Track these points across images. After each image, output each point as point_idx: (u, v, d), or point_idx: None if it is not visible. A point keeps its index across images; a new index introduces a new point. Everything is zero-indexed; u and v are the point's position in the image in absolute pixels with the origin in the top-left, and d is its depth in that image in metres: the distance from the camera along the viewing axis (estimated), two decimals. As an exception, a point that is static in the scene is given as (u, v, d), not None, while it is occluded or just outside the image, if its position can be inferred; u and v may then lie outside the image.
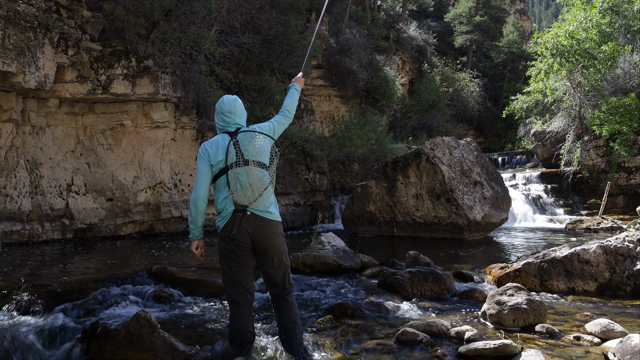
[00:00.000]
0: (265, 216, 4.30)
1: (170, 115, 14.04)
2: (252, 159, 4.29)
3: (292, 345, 4.40)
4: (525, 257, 7.78)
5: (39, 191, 12.34)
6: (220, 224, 4.32)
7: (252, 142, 4.33)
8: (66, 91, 12.05)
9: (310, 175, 16.93)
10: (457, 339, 4.91)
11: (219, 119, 4.51)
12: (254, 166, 4.28)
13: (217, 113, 4.54)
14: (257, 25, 17.66)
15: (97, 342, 4.55)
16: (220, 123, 4.51)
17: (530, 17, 61.04)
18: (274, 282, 4.43)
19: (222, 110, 4.48)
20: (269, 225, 4.30)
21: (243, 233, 4.23)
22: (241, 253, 4.30)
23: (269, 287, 4.50)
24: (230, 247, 4.28)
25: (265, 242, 4.29)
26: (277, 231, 4.36)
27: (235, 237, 4.23)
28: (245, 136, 4.36)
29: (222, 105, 4.49)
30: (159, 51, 13.25)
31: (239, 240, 4.24)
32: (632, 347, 4.16)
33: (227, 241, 4.27)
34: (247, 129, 4.43)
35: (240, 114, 4.55)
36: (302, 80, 5.15)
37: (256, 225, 4.25)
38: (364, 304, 6.07)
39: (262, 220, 4.28)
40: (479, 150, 13.87)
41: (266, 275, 4.44)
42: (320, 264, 8.48)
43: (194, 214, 4.37)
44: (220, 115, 4.51)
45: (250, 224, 4.24)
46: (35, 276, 7.75)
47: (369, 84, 25.73)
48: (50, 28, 10.94)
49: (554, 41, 19.12)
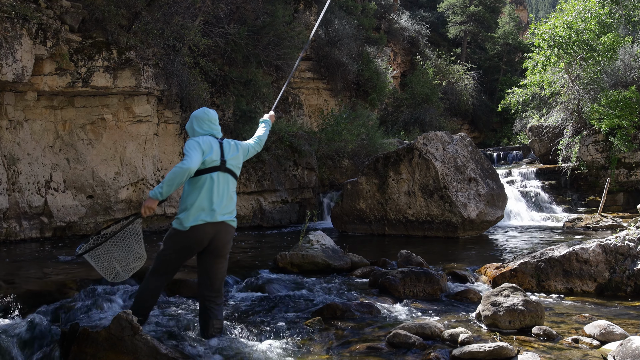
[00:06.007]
0: (230, 223, 4.77)
1: (153, 109, 13.91)
2: (231, 168, 4.81)
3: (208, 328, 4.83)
4: (522, 256, 7.70)
5: (16, 188, 12.12)
6: (185, 220, 4.62)
7: (237, 154, 4.88)
8: (45, 84, 11.88)
9: (298, 171, 16.83)
10: (451, 341, 4.83)
11: (205, 125, 4.85)
12: (230, 175, 4.80)
13: (200, 120, 4.86)
14: (243, 16, 17.66)
15: (77, 345, 4.41)
16: (206, 129, 4.84)
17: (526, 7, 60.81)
18: (212, 285, 4.80)
19: (210, 118, 4.87)
20: (230, 232, 4.77)
21: (207, 234, 4.62)
22: (194, 251, 4.72)
23: (204, 289, 4.84)
24: (189, 243, 4.66)
25: (222, 246, 4.74)
26: (231, 239, 4.86)
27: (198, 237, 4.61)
28: (229, 146, 4.86)
29: (208, 114, 4.89)
30: (141, 42, 13.11)
31: (199, 240, 4.63)
32: (633, 349, 4.09)
33: (187, 239, 4.64)
34: (231, 141, 4.93)
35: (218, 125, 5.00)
36: (274, 117, 5.79)
37: (219, 229, 4.67)
38: (354, 305, 5.96)
39: (226, 226, 4.73)
40: (473, 146, 13.85)
41: (207, 276, 4.81)
42: (308, 264, 8.44)
43: (177, 180, 4.49)
44: (207, 122, 4.85)
45: (214, 228, 4.64)
46: (13, 276, 7.64)
47: (360, 77, 25.59)
48: (28, 18, 10.85)
49: (552, 32, 19.12)
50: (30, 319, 5.30)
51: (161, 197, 4.58)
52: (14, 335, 4.83)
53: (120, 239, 4.91)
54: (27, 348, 4.74)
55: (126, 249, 4.94)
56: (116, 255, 4.92)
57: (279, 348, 4.67)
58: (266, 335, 5.06)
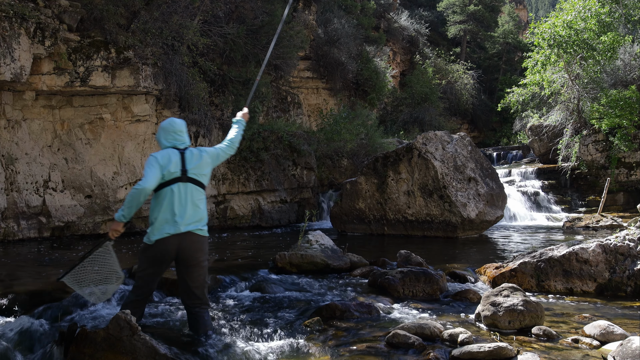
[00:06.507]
0: (197, 232, 4.81)
1: (152, 109, 13.79)
2: (194, 177, 4.84)
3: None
4: (522, 256, 7.70)
5: (14, 188, 12.04)
6: (151, 234, 4.75)
7: (200, 162, 4.89)
8: (43, 83, 11.77)
9: (297, 171, 16.74)
10: (450, 341, 4.83)
11: (170, 136, 4.91)
12: (194, 184, 4.83)
13: (165, 131, 4.94)
14: (241, 15, 17.54)
15: (75, 345, 4.40)
16: (170, 141, 4.91)
17: (526, 6, 60.80)
18: (192, 293, 4.87)
19: (175, 130, 4.93)
20: (196, 241, 4.81)
21: (172, 245, 4.70)
22: (165, 263, 4.83)
23: (184, 297, 4.96)
24: (158, 256, 4.77)
25: (190, 256, 4.77)
26: (203, 247, 4.87)
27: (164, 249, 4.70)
28: (192, 155, 4.89)
29: (173, 125, 4.95)
30: (140, 42, 13.00)
31: (166, 252, 4.71)
32: (633, 350, 4.10)
33: (154, 252, 4.75)
34: (195, 150, 4.95)
35: (187, 134, 5.04)
36: (248, 115, 5.77)
37: (183, 239, 4.73)
38: (353, 305, 5.95)
39: (192, 235, 4.78)
40: (473, 145, 13.80)
41: (185, 285, 4.89)
42: (307, 264, 8.41)
43: (135, 202, 4.65)
44: (171, 134, 4.91)
45: (178, 239, 4.71)
46: (11, 276, 7.64)
47: (359, 76, 25.52)
48: (27, 18, 10.74)
49: (552, 31, 19.03)
50: (28, 319, 5.34)
51: (124, 219, 4.75)
52: (11, 336, 4.89)
53: (93, 262, 5.03)
54: (25, 348, 4.76)
55: (100, 272, 5.05)
56: (92, 278, 5.02)
57: (277, 348, 4.67)
58: (265, 335, 5.04)
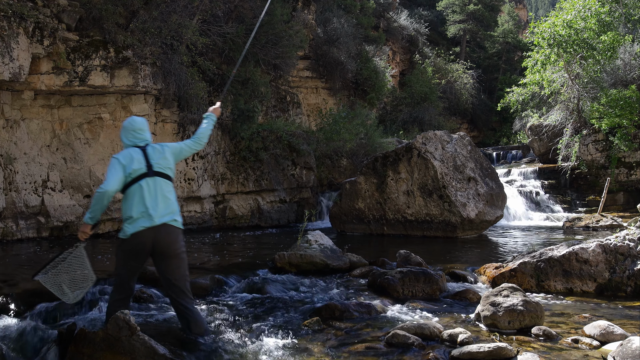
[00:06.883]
0: (171, 223, 4.87)
1: (151, 109, 13.79)
2: (161, 170, 4.93)
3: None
4: (521, 256, 7.71)
5: (13, 187, 12.02)
6: (127, 229, 4.79)
7: (162, 157, 4.99)
8: (42, 83, 11.76)
9: (297, 170, 16.72)
10: (450, 341, 4.83)
11: (131, 135, 5.02)
12: (161, 177, 4.92)
13: (127, 131, 5.04)
14: (241, 14, 17.48)
15: (74, 346, 4.42)
16: (130, 139, 5.01)
17: (526, 6, 60.89)
18: (173, 286, 4.91)
19: (134, 128, 5.03)
20: (171, 232, 4.86)
21: (147, 238, 4.75)
22: (142, 256, 4.85)
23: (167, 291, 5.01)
24: (134, 249, 4.81)
25: (167, 247, 4.82)
26: (178, 238, 4.93)
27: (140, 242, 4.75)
28: (154, 151, 4.99)
29: (133, 124, 5.05)
30: (139, 41, 12.98)
31: (142, 245, 4.76)
32: (633, 350, 4.10)
33: (131, 245, 4.79)
34: (156, 145, 5.06)
35: (148, 132, 5.15)
36: (220, 110, 5.78)
37: (158, 231, 4.78)
38: (352, 305, 5.97)
39: (167, 227, 4.83)
40: (472, 145, 13.81)
41: (165, 279, 4.94)
42: (307, 264, 8.41)
43: (99, 204, 4.77)
44: (131, 132, 5.02)
45: (153, 231, 4.76)
46: (9, 276, 7.62)
47: (358, 76, 25.46)
48: (25, 17, 10.71)
49: (551, 31, 18.98)
50: (27, 319, 5.41)
51: (91, 221, 4.89)
52: (10, 336, 4.85)
53: (68, 264, 5.08)
54: (23, 348, 4.74)
55: (72, 274, 5.11)
56: (63, 279, 5.07)
57: (277, 348, 4.67)
58: (264, 335, 5.03)
